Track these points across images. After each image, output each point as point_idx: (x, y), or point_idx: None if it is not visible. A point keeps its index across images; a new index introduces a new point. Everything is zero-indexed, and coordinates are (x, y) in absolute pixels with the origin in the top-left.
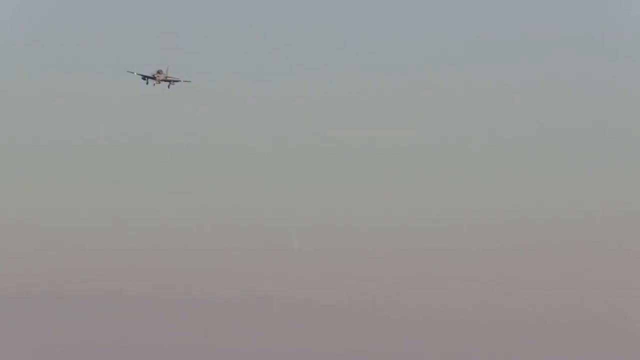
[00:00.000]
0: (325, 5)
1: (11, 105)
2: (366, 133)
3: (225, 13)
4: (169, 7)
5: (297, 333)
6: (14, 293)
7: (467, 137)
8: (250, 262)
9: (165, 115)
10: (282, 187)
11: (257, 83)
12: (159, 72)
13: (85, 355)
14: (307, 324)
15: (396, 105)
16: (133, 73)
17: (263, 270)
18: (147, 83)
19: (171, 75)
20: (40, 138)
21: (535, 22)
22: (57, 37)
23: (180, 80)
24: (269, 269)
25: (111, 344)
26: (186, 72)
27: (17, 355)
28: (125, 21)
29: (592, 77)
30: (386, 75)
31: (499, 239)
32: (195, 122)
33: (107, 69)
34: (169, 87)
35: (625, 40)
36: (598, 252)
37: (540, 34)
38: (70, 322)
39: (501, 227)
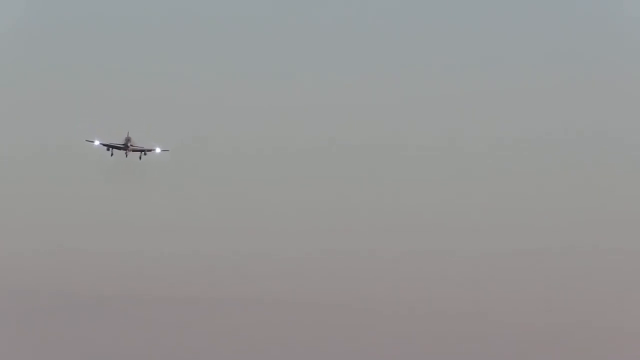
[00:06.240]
0: (326, 4)
1: (11, 105)
2: (366, 133)
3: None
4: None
5: (298, 332)
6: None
7: (468, 137)
8: (250, 262)
9: (166, 113)
10: (281, 187)
11: (257, 83)
12: (127, 140)
13: (87, 354)
14: (308, 322)
15: (396, 106)
16: (93, 142)
17: (264, 271)
18: (112, 155)
19: (137, 143)
20: (42, 138)
21: (535, 23)
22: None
23: (154, 150)
24: (270, 269)
25: (116, 344)
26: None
27: (18, 355)
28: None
29: (592, 77)
30: (386, 75)
31: (499, 240)
32: (197, 122)
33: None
34: (140, 158)
35: (625, 40)
36: (599, 253)
37: (541, 34)
38: (71, 321)
39: (501, 228)
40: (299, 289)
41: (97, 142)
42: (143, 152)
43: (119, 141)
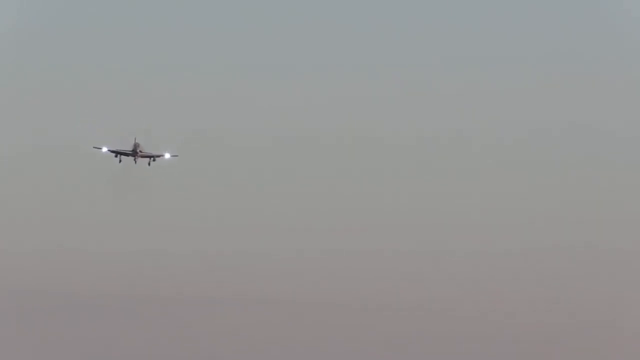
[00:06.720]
0: (326, 4)
1: (11, 105)
2: (366, 133)
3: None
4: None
5: (298, 332)
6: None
7: (468, 137)
8: (250, 262)
9: (165, 113)
10: (281, 187)
11: (258, 83)
12: (136, 145)
13: (87, 354)
14: (308, 322)
15: (396, 105)
16: (100, 149)
17: (264, 271)
18: (120, 161)
19: (147, 149)
20: (42, 138)
21: (535, 23)
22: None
23: (162, 155)
24: (270, 269)
25: (116, 344)
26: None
27: (18, 355)
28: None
29: (592, 77)
30: (386, 75)
31: (499, 240)
32: (197, 122)
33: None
34: (149, 164)
35: (625, 40)
36: (598, 253)
37: (541, 34)
38: (71, 321)
39: (501, 228)
40: (299, 289)
41: (105, 149)
42: (152, 158)
43: (127, 147)
